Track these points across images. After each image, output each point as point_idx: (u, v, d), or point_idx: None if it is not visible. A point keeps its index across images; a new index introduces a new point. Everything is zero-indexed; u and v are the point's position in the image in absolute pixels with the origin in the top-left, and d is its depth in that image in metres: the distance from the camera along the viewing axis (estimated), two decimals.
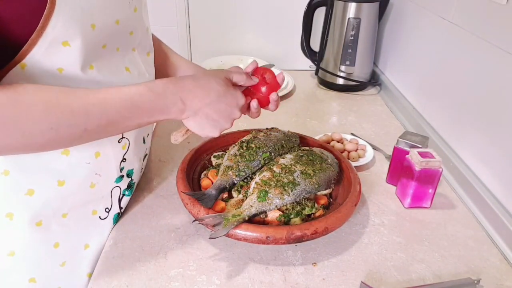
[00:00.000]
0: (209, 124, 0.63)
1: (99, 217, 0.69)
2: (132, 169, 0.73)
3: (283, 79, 0.76)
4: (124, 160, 0.69)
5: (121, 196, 0.72)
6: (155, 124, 0.81)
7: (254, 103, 0.72)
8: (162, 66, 0.80)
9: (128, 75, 0.63)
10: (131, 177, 0.73)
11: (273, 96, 0.72)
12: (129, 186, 0.74)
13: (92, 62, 0.56)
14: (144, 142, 0.76)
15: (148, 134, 0.79)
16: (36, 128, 0.48)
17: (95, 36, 0.54)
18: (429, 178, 0.76)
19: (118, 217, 0.73)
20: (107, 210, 0.70)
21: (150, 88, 0.57)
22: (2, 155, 0.55)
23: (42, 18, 0.48)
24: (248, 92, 0.72)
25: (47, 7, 0.48)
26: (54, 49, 0.51)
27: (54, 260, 0.65)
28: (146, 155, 0.81)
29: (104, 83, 0.58)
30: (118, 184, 0.71)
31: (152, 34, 0.75)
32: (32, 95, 0.48)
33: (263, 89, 0.72)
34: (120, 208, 0.73)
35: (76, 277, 0.69)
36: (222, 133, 0.66)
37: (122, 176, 0.71)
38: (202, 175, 0.82)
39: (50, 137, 0.49)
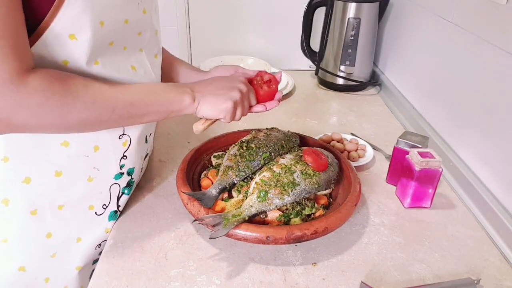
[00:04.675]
0: (217, 99, 0.67)
1: (95, 212, 0.70)
2: (133, 168, 0.73)
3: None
4: (124, 157, 0.69)
5: (120, 194, 0.73)
6: (156, 123, 0.82)
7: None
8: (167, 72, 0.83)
9: (134, 73, 0.65)
10: (131, 175, 0.74)
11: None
12: (129, 185, 0.74)
13: (98, 57, 0.57)
14: (146, 141, 0.77)
15: (150, 134, 0.79)
16: (74, 109, 0.53)
17: (103, 33, 0.56)
18: (429, 178, 0.76)
19: (115, 214, 0.73)
20: (104, 206, 0.70)
21: (164, 83, 0.68)
22: (43, 132, 0.57)
23: (51, 8, 0.50)
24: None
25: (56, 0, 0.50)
26: (61, 41, 0.52)
27: (45, 250, 0.66)
28: (147, 154, 0.81)
29: (109, 78, 0.60)
30: (117, 181, 0.71)
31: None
32: (71, 78, 0.53)
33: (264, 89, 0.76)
34: (118, 206, 0.73)
35: (66, 269, 0.69)
36: (236, 104, 0.68)
37: (122, 174, 0.71)
38: (202, 175, 0.82)
39: (84, 118, 0.54)
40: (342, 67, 1.32)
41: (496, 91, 0.79)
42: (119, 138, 0.67)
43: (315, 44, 1.40)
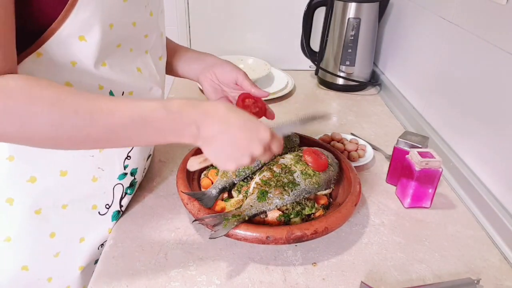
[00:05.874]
0: (224, 155, 0.56)
1: (99, 212, 0.70)
2: (136, 168, 0.74)
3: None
4: (128, 158, 0.70)
5: (123, 194, 0.73)
6: None
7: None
8: (170, 57, 0.82)
9: (139, 75, 0.65)
10: (134, 176, 0.74)
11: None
12: (131, 185, 0.74)
13: (105, 59, 0.58)
14: None
15: None
16: (36, 121, 0.46)
17: (111, 35, 0.56)
18: (429, 178, 0.76)
19: (118, 214, 0.74)
20: (107, 206, 0.71)
21: (165, 106, 0.52)
22: (5, 142, 0.51)
23: (63, 10, 0.50)
24: None
25: (69, 2, 0.50)
26: (70, 42, 0.52)
27: (48, 249, 0.66)
28: (150, 155, 0.81)
29: (115, 80, 0.60)
30: (121, 182, 0.71)
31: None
32: (41, 88, 0.46)
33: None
34: (121, 206, 0.74)
35: (68, 269, 0.69)
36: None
37: (125, 174, 0.71)
38: (202, 175, 0.82)
39: (49, 134, 0.47)
40: (342, 67, 1.32)
41: (496, 91, 0.79)
42: None
43: (315, 44, 1.40)
